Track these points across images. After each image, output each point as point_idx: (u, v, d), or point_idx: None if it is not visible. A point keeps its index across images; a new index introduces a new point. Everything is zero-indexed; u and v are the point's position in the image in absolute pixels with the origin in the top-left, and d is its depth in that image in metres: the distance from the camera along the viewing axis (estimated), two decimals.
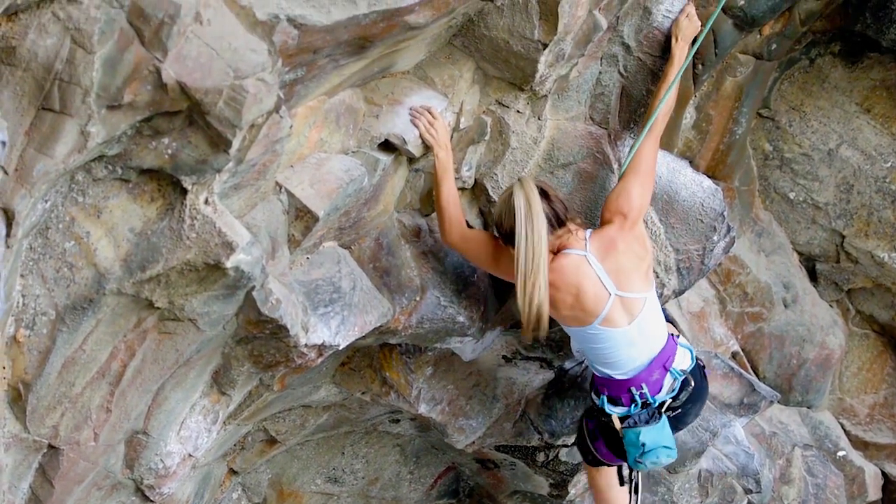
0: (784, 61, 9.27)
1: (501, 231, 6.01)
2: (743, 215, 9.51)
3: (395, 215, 6.59)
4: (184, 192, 4.39)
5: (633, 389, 6.13)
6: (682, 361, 6.29)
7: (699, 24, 6.72)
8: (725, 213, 7.15)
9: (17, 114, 3.88)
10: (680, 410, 6.34)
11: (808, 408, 10.22)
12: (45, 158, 3.92)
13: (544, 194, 5.89)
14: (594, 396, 6.44)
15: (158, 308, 4.75)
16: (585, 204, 6.70)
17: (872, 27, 8.88)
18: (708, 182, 7.14)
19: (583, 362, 8.00)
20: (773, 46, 8.66)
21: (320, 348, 5.67)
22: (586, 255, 5.92)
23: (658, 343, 6.16)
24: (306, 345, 5.52)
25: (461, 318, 6.76)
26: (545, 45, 6.00)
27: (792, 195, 9.88)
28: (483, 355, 7.71)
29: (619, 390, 6.21)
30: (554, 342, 7.66)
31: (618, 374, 6.18)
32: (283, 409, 7.34)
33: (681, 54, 6.52)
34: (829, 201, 9.78)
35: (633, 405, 6.17)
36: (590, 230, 6.15)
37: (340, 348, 5.83)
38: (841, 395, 10.55)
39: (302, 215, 5.40)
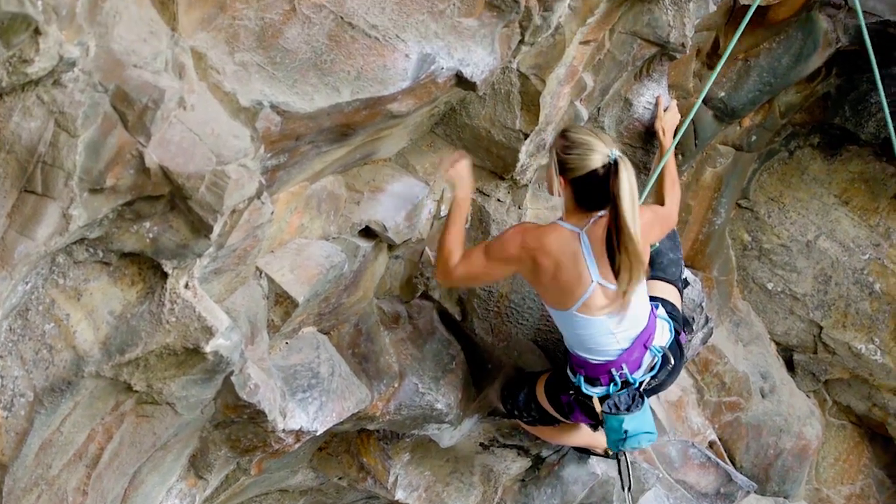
0: (764, 153, 9.36)
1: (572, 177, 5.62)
2: (721, 305, 9.55)
3: (375, 301, 6.59)
4: (164, 276, 4.38)
5: (613, 370, 5.95)
6: (662, 337, 6.11)
7: (679, 115, 6.80)
8: (704, 304, 7.18)
9: None
10: (656, 381, 6.20)
11: (785, 498, 10.19)
12: (27, 241, 3.91)
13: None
14: (570, 374, 6.23)
15: (137, 391, 4.72)
16: None
17: (851, 120, 8.99)
18: (687, 272, 7.17)
19: (560, 449, 7.98)
20: (753, 138, 8.75)
21: (298, 433, 5.65)
22: (580, 232, 5.65)
23: (640, 324, 5.95)
24: (284, 430, 5.50)
25: (439, 405, 6.75)
26: (526, 135, 6.05)
27: (770, 286, 9.92)
28: (461, 442, 7.69)
29: (597, 372, 6.03)
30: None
31: (596, 359, 5.99)
32: (259, 493, 7.30)
33: (669, 146, 6.56)
34: (806, 292, 9.83)
35: (611, 384, 6.00)
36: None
37: (318, 434, 5.82)
38: (818, 486, 10.54)
39: (282, 301, 5.41)
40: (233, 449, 5.61)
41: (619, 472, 6.76)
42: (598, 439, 7.39)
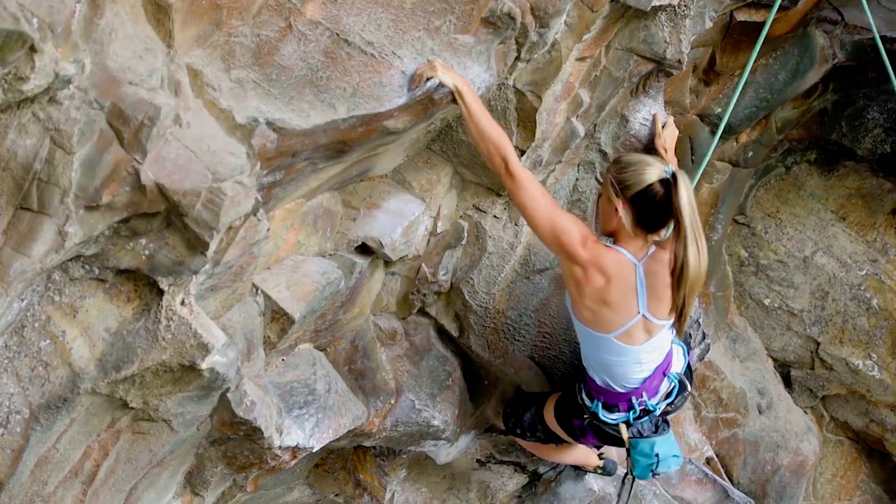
0: (760, 168, 9.36)
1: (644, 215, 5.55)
2: (718, 321, 9.54)
3: (372, 318, 6.59)
4: (160, 292, 4.38)
5: (634, 398, 5.93)
6: (678, 363, 6.11)
7: (677, 131, 6.79)
8: (701, 321, 7.18)
9: None
10: (672, 407, 6.20)
11: None
12: (23, 258, 3.91)
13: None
14: (585, 399, 6.16)
15: (133, 408, 4.72)
16: (561, 310, 6.71)
17: (848, 136, 8.99)
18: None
19: (556, 466, 7.97)
20: (750, 154, 8.74)
21: (294, 450, 5.65)
22: (638, 264, 5.58)
23: (664, 354, 5.93)
24: (280, 447, 5.50)
25: (436, 422, 6.74)
26: (523, 152, 6.05)
27: (767, 301, 9.92)
28: (457, 458, 7.68)
29: (617, 399, 6.00)
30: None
31: (617, 387, 5.95)
32: None
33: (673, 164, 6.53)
34: (804, 308, 9.82)
35: (630, 412, 5.99)
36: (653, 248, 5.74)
37: (314, 450, 5.82)
38: (815, 502, 10.51)
39: (278, 317, 5.41)
40: (229, 466, 5.60)
41: (620, 494, 6.75)
42: (591, 457, 7.38)
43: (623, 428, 6.06)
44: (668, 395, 6.06)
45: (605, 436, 6.24)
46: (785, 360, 10.17)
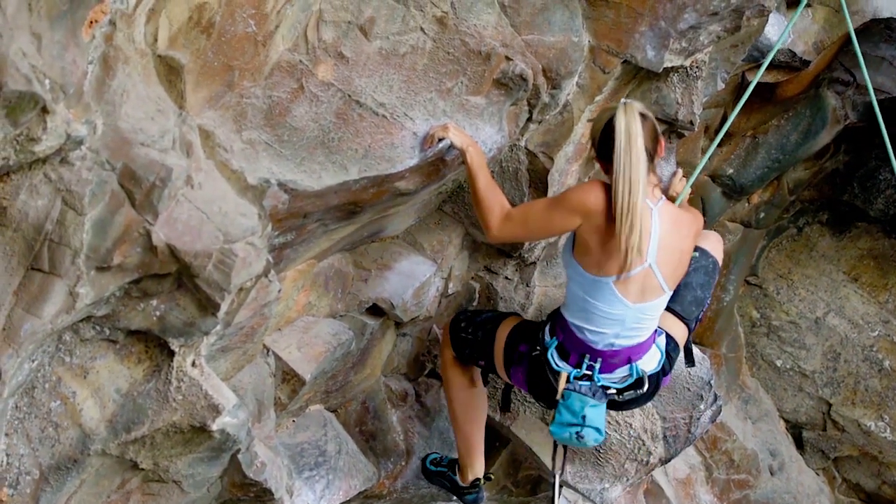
0: (772, 229, 9.37)
1: (598, 152, 5.40)
2: (730, 382, 9.52)
3: (383, 379, 6.58)
4: (171, 353, 4.37)
5: (587, 357, 5.62)
6: (649, 363, 5.79)
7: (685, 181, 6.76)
8: (712, 382, 7.15)
9: (6, 273, 3.87)
10: (618, 399, 5.80)
11: None
12: (33, 318, 3.90)
13: (644, 125, 5.25)
14: (547, 332, 5.81)
15: (143, 469, 4.70)
16: None
17: (860, 197, 9.01)
18: (694, 350, 7.14)
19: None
20: (762, 215, 8.76)
21: None
22: (653, 209, 5.34)
23: (640, 339, 5.67)
24: None
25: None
26: None
27: (779, 363, 9.90)
28: None
29: (574, 347, 5.67)
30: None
31: (583, 336, 5.62)
32: None
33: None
34: (815, 369, 9.81)
35: (575, 369, 5.65)
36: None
37: None
38: None
39: (289, 378, 5.40)
40: None
41: (553, 488, 6.52)
42: (475, 460, 6.99)
43: (563, 376, 5.65)
44: (621, 381, 5.72)
45: (537, 378, 5.86)
46: (797, 422, 10.14)
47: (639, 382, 5.75)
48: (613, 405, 5.86)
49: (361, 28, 4.72)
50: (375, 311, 5.96)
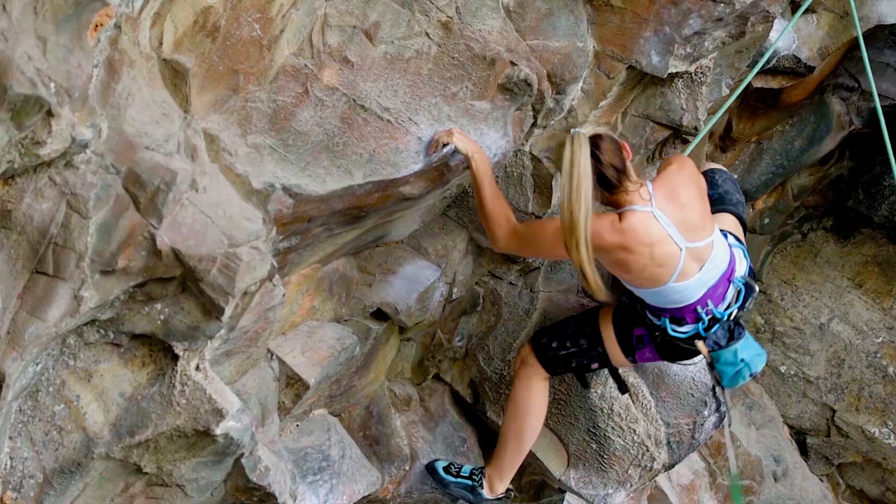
0: (777, 235, 9.36)
1: None
2: (734, 388, 9.50)
3: (387, 384, 6.58)
4: (175, 357, 4.37)
5: (699, 308, 5.77)
6: (741, 266, 5.98)
7: None
8: (716, 388, 7.14)
9: (10, 277, 3.87)
10: (744, 310, 6.03)
11: None
12: (38, 322, 3.90)
13: (595, 154, 5.27)
14: (651, 317, 5.99)
15: (146, 473, 4.69)
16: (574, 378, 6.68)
17: (864, 203, 9.00)
18: (698, 357, 7.14)
19: None
20: (766, 220, 8.75)
21: None
22: (652, 210, 5.45)
23: (723, 265, 5.80)
24: None
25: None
26: (538, 218, 6.04)
27: (783, 368, 9.90)
28: None
29: (682, 313, 5.84)
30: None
31: (684, 304, 5.79)
32: None
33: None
34: (820, 375, 9.80)
35: (699, 323, 5.83)
36: (650, 182, 5.64)
37: None
38: None
39: (293, 383, 5.39)
40: None
41: (718, 403, 6.70)
42: (513, 473, 6.99)
43: (700, 345, 5.93)
44: (736, 300, 5.92)
45: (674, 351, 6.11)
46: (801, 428, 10.13)
47: (748, 287, 5.95)
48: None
49: (366, 32, 4.72)
50: (380, 315, 5.96)
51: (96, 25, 3.67)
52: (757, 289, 6.05)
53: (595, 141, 5.22)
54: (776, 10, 5.97)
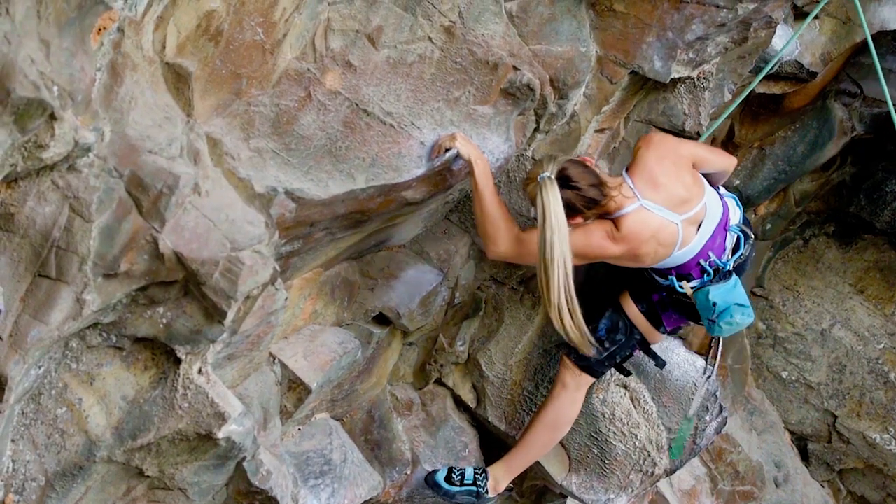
0: (778, 241, 9.36)
1: None
2: (735, 393, 9.50)
3: (388, 388, 6.58)
4: (177, 361, 4.37)
5: (702, 261, 5.85)
6: (735, 214, 6.07)
7: None
8: (717, 394, 7.14)
9: (13, 280, 3.88)
10: (742, 261, 6.14)
11: None
12: (40, 325, 3.91)
13: (570, 184, 5.33)
14: (658, 279, 6.08)
15: (148, 476, 4.69)
16: None
17: (867, 209, 8.99)
18: (701, 362, 7.13)
19: None
20: (768, 226, 8.74)
21: None
22: (641, 203, 5.53)
23: (718, 216, 5.89)
24: None
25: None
26: None
27: (784, 374, 9.89)
28: None
29: (686, 268, 5.92)
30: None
31: (685, 259, 5.87)
32: None
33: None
34: (821, 381, 9.79)
35: (704, 275, 5.91)
36: (626, 175, 5.67)
37: None
38: None
39: (295, 387, 5.39)
40: None
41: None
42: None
43: (685, 285, 5.97)
44: (735, 249, 6.04)
45: (685, 308, 6.22)
46: (802, 434, 10.12)
47: (745, 234, 6.05)
48: (740, 268, 6.14)
49: (369, 37, 4.73)
50: (382, 319, 5.97)
51: (99, 29, 3.67)
52: (752, 236, 6.12)
53: (563, 175, 5.25)
54: (779, 16, 5.97)
